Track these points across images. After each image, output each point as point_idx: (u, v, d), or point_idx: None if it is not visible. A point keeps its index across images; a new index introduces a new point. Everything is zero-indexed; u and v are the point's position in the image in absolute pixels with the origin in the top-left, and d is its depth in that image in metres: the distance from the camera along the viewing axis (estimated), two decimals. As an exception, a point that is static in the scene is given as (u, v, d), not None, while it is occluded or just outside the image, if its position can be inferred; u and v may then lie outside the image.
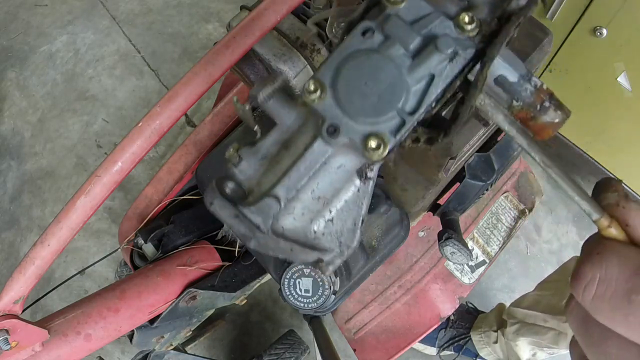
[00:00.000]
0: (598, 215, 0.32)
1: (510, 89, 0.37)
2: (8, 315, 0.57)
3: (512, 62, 0.37)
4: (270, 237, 0.40)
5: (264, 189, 0.40)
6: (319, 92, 0.37)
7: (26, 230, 1.69)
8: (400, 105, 0.36)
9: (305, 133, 0.40)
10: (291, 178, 0.39)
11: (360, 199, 0.41)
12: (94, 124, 1.83)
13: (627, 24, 1.15)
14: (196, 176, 0.85)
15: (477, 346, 1.40)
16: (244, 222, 0.39)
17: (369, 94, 0.36)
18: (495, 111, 0.36)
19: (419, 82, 0.37)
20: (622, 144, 1.38)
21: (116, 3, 2.05)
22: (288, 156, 0.40)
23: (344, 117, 0.37)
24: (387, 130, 0.36)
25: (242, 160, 0.41)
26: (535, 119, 0.37)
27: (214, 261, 0.91)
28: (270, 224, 0.39)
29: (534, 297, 1.24)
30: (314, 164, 0.39)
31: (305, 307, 0.68)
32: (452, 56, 0.36)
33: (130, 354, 1.48)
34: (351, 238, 0.42)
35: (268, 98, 0.41)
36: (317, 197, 0.40)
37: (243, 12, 0.70)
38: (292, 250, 0.41)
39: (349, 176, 0.40)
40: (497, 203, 1.18)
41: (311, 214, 0.41)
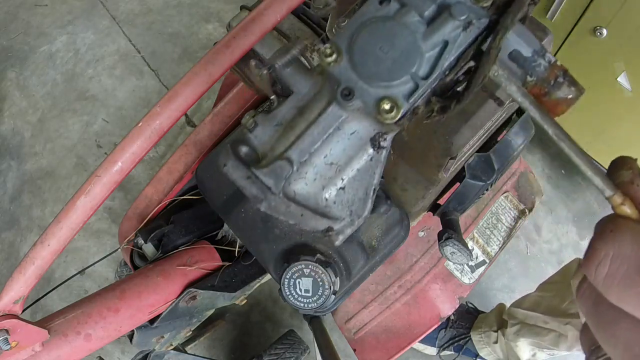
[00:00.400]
0: (611, 192, 0.32)
1: (524, 64, 0.37)
2: (8, 315, 0.57)
3: (526, 37, 0.37)
4: (282, 200, 0.40)
5: (277, 153, 0.40)
6: (335, 56, 0.37)
7: (26, 230, 1.69)
8: (414, 70, 0.37)
9: (321, 100, 0.40)
10: (305, 141, 0.40)
11: (373, 168, 0.41)
12: (94, 124, 1.83)
13: (627, 24, 1.15)
14: (196, 176, 0.85)
15: (477, 346, 1.40)
16: (256, 184, 0.40)
17: (384, 58, 0.37)
18: (509, 82, 0.36)
19: (433, 49, 0.37)
20: (622, 144, 1.38)
21: (116, 3, 2.05)
22: (302, 121, 0.40)
23: (359, 80, 0.37)
24: (401, 94, 0.37)
25: (258, 126, 0.41)
26: (549, 95, 0.37)
27: (214, 261, 0.91)
28: (282, 186, 0.40)
29: (535, 298, 1.24)
30: (327, 128, 0.39)
31: (305, 307, 0.68)
32: (466, 25, 0.37)
33: (130, 354, 1.48)
34: (362, 207, 0.42)
35: (286, 66, 0.42)
36: (329, 163, 0.40)
37: (243, 12, 0.70)
38: (302, 216, 0.41)
39: (363, 144, 0.40)
40: (497, 203, 1.18)
41: (323, 181, 0.41)
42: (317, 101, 0.40)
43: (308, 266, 0.66)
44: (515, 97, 0.36)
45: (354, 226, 0.42)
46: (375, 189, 0.42)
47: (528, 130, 0.83)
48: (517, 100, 0.36)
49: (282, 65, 0.41)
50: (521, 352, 1.26)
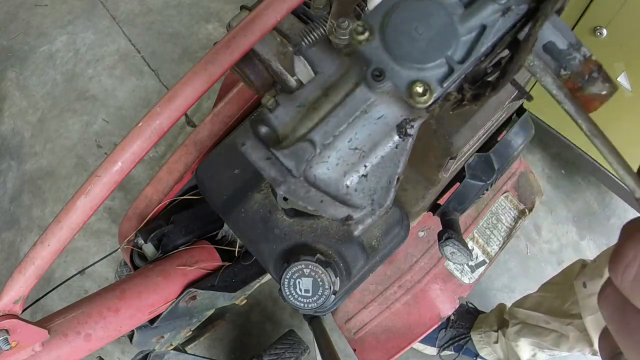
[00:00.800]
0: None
1: (558, 57, 0.36)
2: (8, 315, 0.57)
3: (562, 29, 0.36)
4: (302, 184, 0.39)
5: (299, 134, 0.39)
6: (366, 34, 0.35)
7: (26, 230, 1.69)
8: (450, 53, 0.35)
9: (348, 81, 0.38)
10: (329, 123, 0.38)
11: (398, 156, 0.40)
12: (94, 124, 1.83)
13: (627, 24, 1.14)
14: (196, 176, 0.85)
15: (477, 346, 1.40)
16: (275, 165, 0.38)
17: (418, 39, 0.35)
18: (544, 73, 0.35)
19: (470, 32, 0.36)
20: (622, 144, 1.38)
21: (116, 3, 2.05)
22: (327, 102, 0.39)
23: (390, 61, 0.35)
24: (434, 78, 0.35)
25: (279, 106, 0.40)
26: (582, 90, 0.36)
27: (214, 261, 0.91)
28: (303, 169, 0.38)
29: (537, 299, 1.24)
30: (354, 110, 0.38)
31: (305, 307, 0.68)
32: (505, 10, 0.35)
33: (130, 354, 1.48)
34: (385, 197, 0.40)
35: (311, 45, 0.40)
36: (354, 148, 0.39)
37: (243, 12, 0.70)
38: (322, 202, 0.40)
39: (389, 130, 0.39)
40: (497, 203, 1.18)
41: (345, 166, 0.39)
42: (344, 82, 0.38)
43: (308, 266, 0.66)
44: (550, 90, 0.35)
45: (374, 216, 0.41)
46: (399, 178, 0.40)
47: (528, 130, 0.83)
48: (552, 92, 0.35)
49: (308, 43, 0.40)
50: (521, 352, 1.26)
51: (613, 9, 1.14)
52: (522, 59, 0.35)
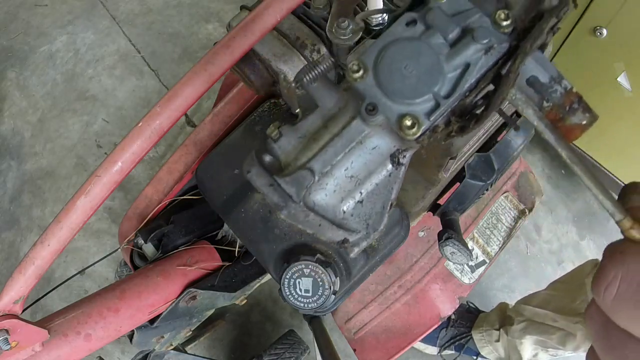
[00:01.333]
0: (621, 216, 0.32)
1: (541, 90, 0.39)
2: (8, 315, 0.57)
3: (543, 63, 0.39)
4: (302, 209, 0.42)
5: (300, 163, 0.42)
6: (361, 72, 0.39)
7: (26, 230, 1.69)
8: (436, 89, 0.38)
9: (345, 114, 0.42)
10: (327, 153, 0.41)
11: (391, 184, 0.43)
12: (94, 124, 1.83)
13: (627, 24, 1.15)
14: (196, 176, 0.85)
15: (478, 345, 1.40)
16: (277, 191, 0.41)
17: (408, 76, 0.38)
18: (526, 106, 0.38)
19: (455, 70, 0.39)
20: (622, 144, 1.38)
21: (116, 3, 2.05)
22: (326, 134, 0.42)
23: (383, 96, 0.39)
24: (422, 112, 0.38)
25: (282, 137, 0.43)
26: (564, 120, 0.39)
27: (214, 261, 0.91)
28: (303, 195, 0.41)
29: (545, 296, 1.24)
30: (350, 141, 0.41)
31: (305, 307, 0.67)
32: (488, 48, 0.38)
33: (130, 354, 1.48)
34: (379, 221, 0.44)
35: (312, 80, 0.43)
36: (350, 176, 0.42)
37: (243, 12, 0.70)
38: (320, 226, 0.43)
39: (383, 159, 0.42)
40: (497, 203, 1.18)
41: (342, 193, 0.42)
42: (342, 115, 0.42)
43: (308, 266, 0.66)
44: (532, 121, 0.38)
45: (369, 239, 0.44)
46: (392, 204, 0.43)
47: (528, 130, 0.83)
48: (534, 123, 0.37)
49: (310, 80, 0.43)
50: (524, 351, 1.25)
51: (613, 9, 1.14)
52: (505, 93, 0.38)
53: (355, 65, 0.39)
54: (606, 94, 1.30)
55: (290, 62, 0.67)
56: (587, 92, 1.36)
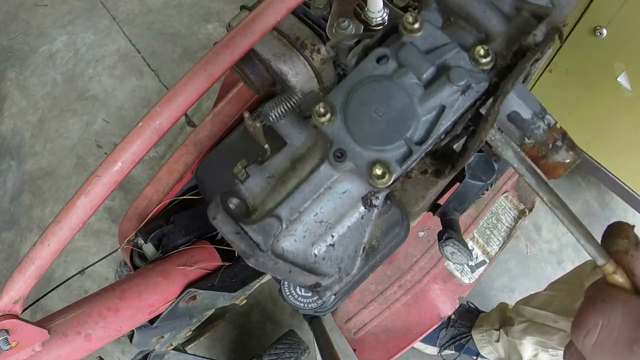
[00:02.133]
0: (604, 261, 0.32)
1: (522, 126, 0.37)
2: (8, 315, 0.57)
3: (526, 98, 0.37)
4: (270, 257, 0.40)
5: (267, 208, 0.40)
6: (329, 115, 0.36)
7: (26, 230, 1.69)
8: (409, 135, 0.36)
9: (313, 156, 0.40)
10: (295, 199, 0.39)
11: (364, 226, 0.41)
12: (94, 124, 1.83)
13: (627, 24, 1.14)
14: (196, 176, 0.85)
15: (478, 345, 1.40)
16: (244, 239, 0.39)
17: (378, 120, 0.36)
18: (505, 147, 0.36)
19: (430, 113, 0.36)
20: (622, 144, 1.38)
21: (116, 3, 2.05)
22: (294, 177, 0.40)
23: (352, 142, 0.36)
24: (394, 159, 0.36)
25: (249, 177, 0.41)
26: (546, 158, 0.37)
27: (214, 261, 0.91)
28: (270, 243, 0.39)
29: (546, 297, 1.24)
30: (319, 187, 0.39)
31: (305, 307, 0.68)
32: (465, 89, 0.36)
33: (130, 354, 1.48)
34: (351, 265, 0.42)
35: (280, 117, 0.41)
36: (320, 221, 0.40)
37: (243, 12, 0.70)
38: (290, 272, 0.41)
39: (354, 202, 0.40)
40: (497, 203, 1.18)
41: (313, 237, 0.41)
42: (310, 157, 0.40)
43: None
44: (512, 163, 0.36)
45: (342, 283, 0.42)
46: (365, 247, 0.42)
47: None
48: (513, 166, 0.36)
49: (277, 117, 0.41)
50: (524, 351, 1.25)
51: (613, 9, 1.14)
52: (483, 136, 0.35)
53: (322, 108, 0.36)
54: (606, 94, 1.29)
55: (290, 62, 0.67)
56: (587, 92, 1.36)
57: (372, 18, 0.66)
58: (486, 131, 0.35)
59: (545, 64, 1.36)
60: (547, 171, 0.38)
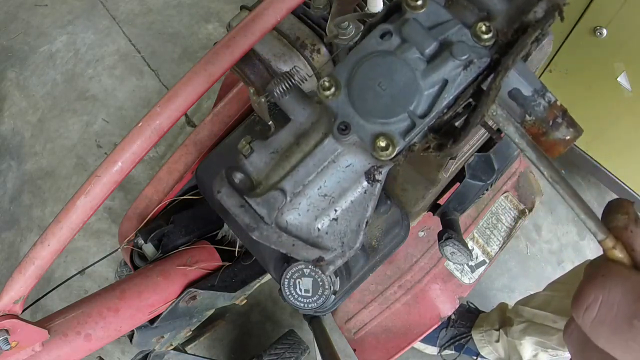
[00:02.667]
0: (603, 236, 0.32)
1: (523, 103, 0.37)
2: (8, 315, 0.57)
3: (527, 76, 0.37)
4: (274, 230, 0.41)
5: (272, 182, 0.41)
6: (333, 89, 0.37)
7: (26, 230, 1.69)
8: (412, 108, 0.36)
9: (317, 130, 0.40)
10: (299, 173, 0.40)
11: (367, 201, 0.41)
12: (94, 124, 1.83)
13: (627, 24, 1.14)
14: (196, 176, 0.85)
15: (478, 345, 1.40)
16: (249, 212, 0.40)
17: (382, 94, 0.36)
18: (507, 123, 0.36)
19: (432, 87, 0.37)
20: (622, 144, 1.38)
21: (116, 3, 2.05)
22: (298, 151, 0.40)
23: (356, 115, 0.37)
24: (397, 132, 0.37)
25: (254, 152, 0.42)
26: (547, 135, 0.37)
27: (214, 261, 0.91)
28: (274, 216, 0.40)
29: (544, 297, 1.24)
30: (322, 160, 0.39)
31: (305, 307, 0.67)
32: (467, 64, 0.36)
33: (130, 354, 1.48)
34: (354, 239, 0.42)
35: (284, 93, 0.41)
36: (323, 195, 0.41)
37: (243, 12, 0.70)
38: (294, 246, 0.41)
39: (357, 177, 0.40)
40: (497, 203, 1.18)
41: (316, 211, 0.41)
42: (314, 131, 0.40)
43: (308, 266, 0.66)
44: (513, 138, 0.36)
45: (344, 257, 0.43)
46: (368, 221, 0.42)
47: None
48: (515, 141, 0.36)
49: (281, 92, 0.41)
50: (524, 351, 1.25)
51: (613, 9, 1.14)
52: (485, 110, 0.36)
53: (326, 82, 0.37)
54: (606, 94, 1.29)
55: (290, 62, 0.67)
56: (587, 92, 1.36)
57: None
58: (488, 106, 0.36)
59: (545, 64, 1.36)
60: (548, 148, 0.38)
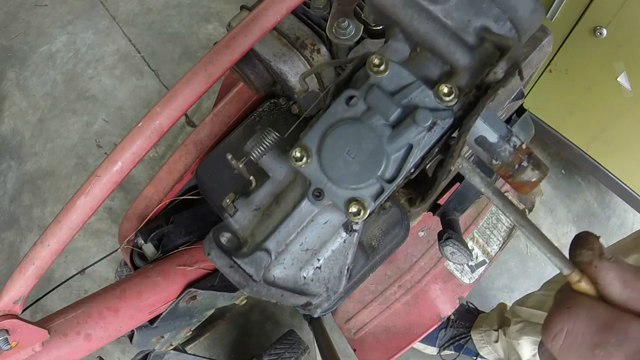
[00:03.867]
0: (569, 271, 0.34)
1: (490, 149, 0.39)
2: (8, 315, 0.57)
3: (492, 123, 0.39)
4: (263, 286, 0.43)
5: (257, 241, 0.44)
6: (305, 159, 0.39)
7: (26, 230, 1.69)
8: (380, 173, 0.39)
9: (295, 189, 0.43)
10: (281, 233, 0.43)
11: (346, 249, 0.44)
12: (94, 124, 1.83)
13: (627, 24, 1.14)
14: (196, 176, 0.85)
15: (478, 345, 1.40)
16: (238, 272, 0.43)
17: (351, 161, 0.39)
18: (473, 174, 0.39)
19: (398, 151, 0.39)
20: (622, 144, 1.38)
21: (116, 3, 2.05)
22: (278, 211, 0.43)
23: (328, 182, 0.39)
24: (368, 196, 0.39)
25: (238, 211, 0.45)
26: (513, 177, 0.39)
27: (214, 261, 0.91)
28: (262, 274, 0.43)
29: (540, 297, 1.24)
30: (301, 221, 0.42)
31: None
32: (431, 126, 0.38)
33: (130, 354, 1.48)
34: (337, 284, 0.45)
35: (261, 154, 0.44)
36: (305, 249, 0.44)
37: (243, 12, 0.70)
38: (282, 296, 0.45)
39: (336, 229, 0.43)
40: (497, 203, 1.18)
41: (300, 263, 0.44)
42: (292, 190, 0.43)
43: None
44: (479, 188, 0.38)
45: (330, 301, 0.46)
46: (349, 268, 0.45)
47: (528, 130, 0.83)
48: (481, 190, 0.38)
49: (258, 155, 0.44)
50: (523, 351, 1.25)
51: (613, 9, 1.14)
52: (451, 165, 0.38)
53: (297, 153, 0.39)
54: (606, 94, 1.29)
55: (290, 62, 0.67)
56: (587, 92, 1.36)
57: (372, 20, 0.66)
58: (452, 164, 0.38)
59: (545, 63, 1.36)
60: (516, 188, 0.40)
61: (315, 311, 0.46)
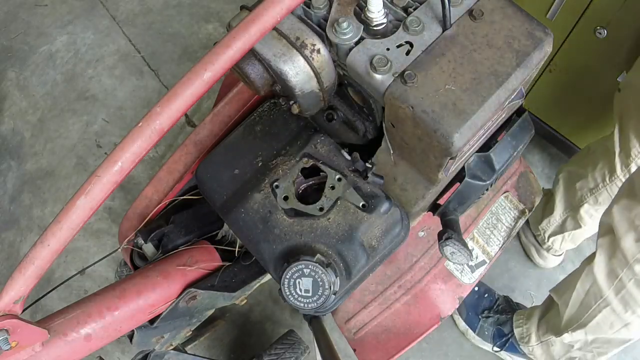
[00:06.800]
0: None
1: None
2: (8, 315, 0.57)
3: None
4: None
5: None
6: None
7: (26, 230, 1.69)
8: None
9: None
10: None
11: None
12: (94, 124, 1.83)
13: (627, 24, 1.14)
14: (196, 176, 0.85)
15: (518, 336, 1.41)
16: None
17: None
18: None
19: None
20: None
21: (116, 3, 2.05)
22: None
23: None
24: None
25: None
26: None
27: (214, 261, 0.91)
28: None
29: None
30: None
31: (305, 307, 0.68)
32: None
33: (130, 354, 1.48)
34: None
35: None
36: None
37: (243, 12, 0.70)
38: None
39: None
40: (497, 203, 1.18)
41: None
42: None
43: (308, 266, 0.66)
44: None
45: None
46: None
47: (528, 130, 0.83)
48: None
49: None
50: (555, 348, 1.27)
51: (613, 9, 1.14)
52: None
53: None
54: (606, 94, 1.30)
55: (290, 62, 0.67)
56: (587, 92, 1.35)
57: (372, 18, 0.66)
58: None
59: (545, 63, 1.36)
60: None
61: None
